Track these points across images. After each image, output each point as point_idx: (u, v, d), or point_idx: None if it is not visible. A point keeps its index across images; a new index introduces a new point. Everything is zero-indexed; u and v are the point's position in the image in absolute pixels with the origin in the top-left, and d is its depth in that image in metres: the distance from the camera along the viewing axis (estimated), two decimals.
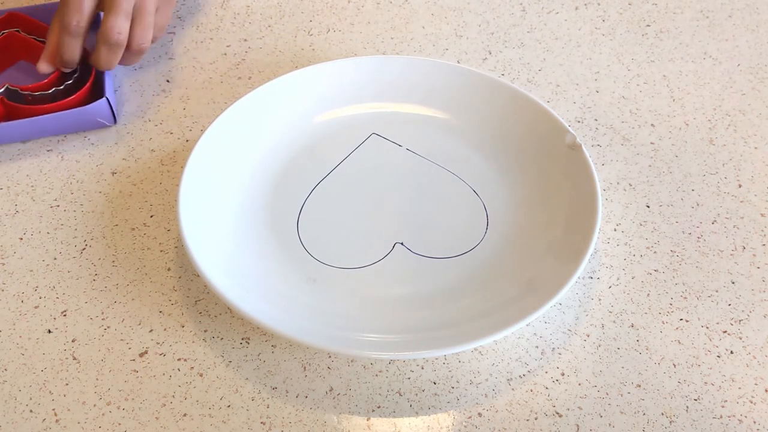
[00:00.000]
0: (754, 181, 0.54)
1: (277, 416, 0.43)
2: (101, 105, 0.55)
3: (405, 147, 0.55)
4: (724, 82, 0.61)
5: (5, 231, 0.52)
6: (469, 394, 0.43)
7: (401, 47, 0.64)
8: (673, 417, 0.42)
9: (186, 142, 0.57)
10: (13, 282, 0.49)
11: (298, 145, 0.55)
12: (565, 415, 0.43)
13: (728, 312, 0.47)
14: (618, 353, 0.45)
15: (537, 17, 0.66)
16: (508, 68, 0.62)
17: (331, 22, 0.66)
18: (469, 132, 0.55)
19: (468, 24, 0.66)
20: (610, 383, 0.44)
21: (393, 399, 0.43)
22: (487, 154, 0.54)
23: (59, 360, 0.45)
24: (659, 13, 0.69)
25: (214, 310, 0.47)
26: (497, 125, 0.55)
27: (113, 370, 0.45)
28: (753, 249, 0.50)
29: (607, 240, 0.50)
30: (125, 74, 0.62)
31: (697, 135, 0.57)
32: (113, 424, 0.42)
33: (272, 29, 0.66)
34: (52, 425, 0.42)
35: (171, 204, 0.53)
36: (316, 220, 0.50)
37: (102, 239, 0.51)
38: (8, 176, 0.55)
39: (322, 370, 0.44)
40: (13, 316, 0.47)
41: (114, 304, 0.48)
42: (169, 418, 0.43)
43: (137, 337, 0.46)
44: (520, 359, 0.45)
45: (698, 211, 0.52)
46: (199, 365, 0.45)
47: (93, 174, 0.55)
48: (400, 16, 0.67)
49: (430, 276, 0.47)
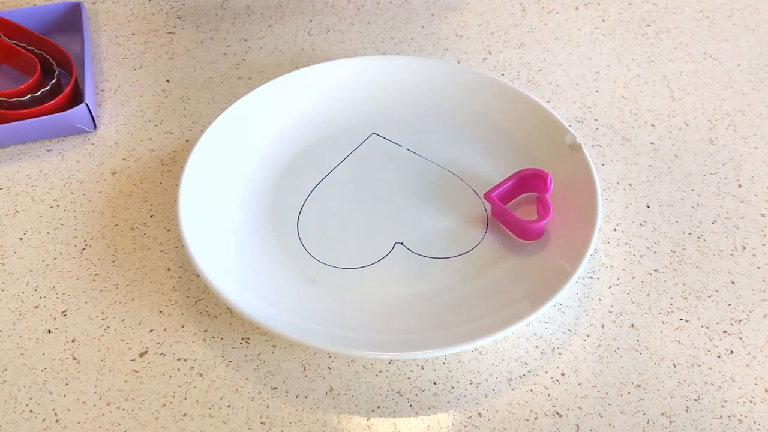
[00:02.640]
0: (754, 181, 0.54)
1: (277, 416, 0.43)
2: (81, 111, 0.55)
3: (405, 147, 0.55)
4: (724, 82, 0.61)
5: (5, 231, 0.52)
6: (469, 394, 0.43)
7: (401, 47, 0.64)
8: (673, 417, 0.42)
9: (186, 142, 0.57)
10: (13, 282, 0.49)
11: (298, 145, 0.55)
12: (565, 415, 0.43)
13: (728, 312, 0.47)
14: (618, 353, 0.45)
15: (537, 17, 0.66)
16: (508, 68, 0.62)
17: (331, 22, 0.66)
18: (469, 132, 0.55)
19: (468, 24, 0.66)
20: (610, 383, 0.44)
21: (393, 399, 0.43)
22: (487, 154, 0.54)
23: (59, 360, 0.45)
24: (659, 13, 0.69)
25: (214, 310, 0.47)
26: (497, 125, 0.55)
27: (113, 370, 0.45)
28: (753, 249, 0.50)
29: (607, 240, 0.50)
30: (125, 74, 0.62)
31: (697, 135, 0.57)
32: (113, 424, 0.42)
33: (272, 29, 0.66)
34: (52, 425, 0.42)
35: (171, 204, 0.53)
36: (316, 220, 0.50)
37: (102, 239, 0.51)
38: (8, 176, 0.55)
39: (322, 370, 0.44)
40: (13, 316, 0.47)
41: (114, 304, 0.48)
42: (169, 418, 0.43)
43: (137, 337, 0.46)
44: (520, 359, 0.45)
45: (698, 211, 0.52)
46: (199, 365, 0.45)
47: (93, 174, 0.55)
48: (400, 16, 0.67)
49: (430, 276, 0.47)
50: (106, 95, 0.60)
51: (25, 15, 0.62)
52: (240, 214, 0.50)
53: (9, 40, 0.60)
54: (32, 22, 0.61)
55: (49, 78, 0.58)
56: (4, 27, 0.61)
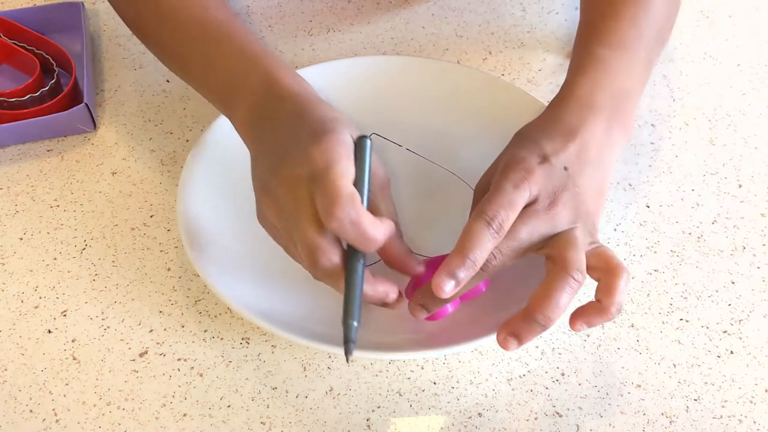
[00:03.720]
0: (754, 181, 0.54)
1: (277, 416, 0.43)
2: (80, 111, 0.55)
3: (405, 147, 0.55)
4: (724, 82, 0.61)
5: (5, 231, 0.52)
6: (469, 394, 0.43)
7: (401, 47, 0.64)
8: (673, 417, 0.42)
9: (186, 142, 0.57)
10: (13, 282, 0.49)
11: None
12: (565, 415, 0.43)
13: (728, 312, 0.47)
14: (618, 353, 0.45)
15: (537, 17, 0.66)
16: (508, 68, 0.62)
17: (331, 22, 0.66)
18: (469, 132, 0.55)
19: (468, 24, 0.66)
20: (610, 383, 0.44)
21: (393, 399, 0.43)
22: (487, 154, 0.54)
23: (59, 360, 0.45)
24: None
25: (214, 310, 0.47)
26: (497, 125, 0.55)
27: (113, 370, 0.45)
28: (753, 249, 0.50)
29: (607, 240, 0.50)
30: (125, 74, 0.62)
31: (697, 135, 0.57)
32: (113, 424, 0.42)
33: (272, 29, 0.66)
34: (52, 425, 0.42)
35: (171, 204, 0.53)
36: None
37: (102, 239, 0.51)
38: (8, 176, 0.55)
39: (322, 370, 0.44)
40: (13, 316, 0.47)
41: (114, 304, 0.48)
42: (169, 418, 0.43)
43: (137, 337, 0.46)
44: (520, 359, 0.45)
45: (698, 211, 0.52)
46: (199, 365, 0.45)
47: (93, 174, 0.55)
48: (400, 16, 0.67)
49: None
50: (106, 95, 0.60)
51: (25, 15, 0.62)
52: (240, 214, 0.50)
53: (9, 40, 0.60)
54: (32, 22, 0.61)
55: (48, 78, 0.58)
56: (4, 27, 0.61)
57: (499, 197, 0.39)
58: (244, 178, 0.52)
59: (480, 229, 0.39)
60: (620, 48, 0.48)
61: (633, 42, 0.48)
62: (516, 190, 0.40)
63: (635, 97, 0.48)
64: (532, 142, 0.43)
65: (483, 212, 0.39)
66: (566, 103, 0.45)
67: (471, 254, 0.38)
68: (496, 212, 0.39)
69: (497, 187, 0.40)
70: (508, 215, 0.39)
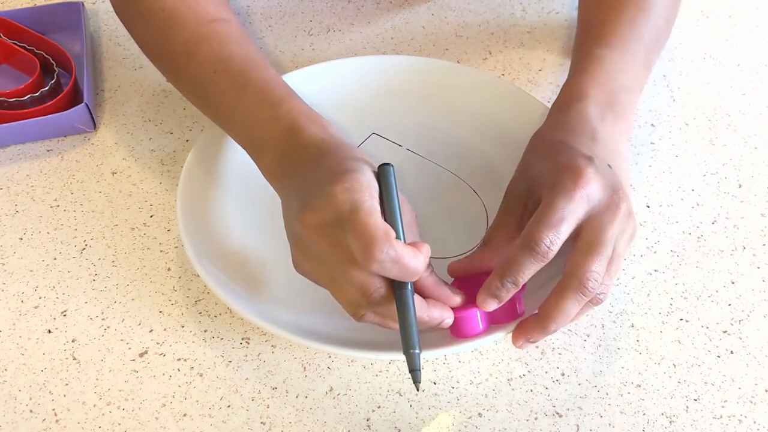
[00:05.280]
0: (754, 181, 0.54)
1: (277, 416, 0.43)
2: (80, 111, 0.55)
3: (405, 147, 0.55)
4: (724, 82, 0.61)
5: (5, 231, 0.52)
6: (469, 394, 0.43)
7: (401, 47, 0.64)
8: (673, 417, 0.42)
9: (186, 142, 0.57)
10: (13, 282, 0.49)
11: None
12: (565, 415, 0.43)
13: (728, 312, 0.47)
14: (618, 353, 0.45)
15: (537, 17, 0.66)
16: (508, 68, 0.62)
17: (331, 22, 0.66)
18: (469, 132, 0.55)
19: (468, 24, 0.66)
20: (610, 383, 0.44)
21: (393, 399, 0.43)
22: (487, 154, 0.54)
23: (59, 360, 0.45)
24: None
25: (214, 310, 0.47)
26: (497, 125, 0.55)
27: (113, 370, 0.45)
28: (753, 249, 0.50)
29: None
30: (125, 74, 0.62)
31: (697, 135, 0.57)
32: (113, 424, 0.42)
33: (272, 29, 0.66)
34: (52, 425, 0.42)
35: (171, 204, 0.53)
36: None
37: (102, 239, 0.51)
38: (8, 176, 0.55)
39: (322, 370, 0.44)
40: (13, 316, 0.47)
41: (114, 304, 0.48)
42: (169, 418, 0.43)
43: (137, 337, 0.46)
44: (520, 359, 0.45)
45: (698, 211, 0.52)
46: (199, 365, 0.45)
47: (93, 174, 0.55)
48: (400, 16, 0.67)
49: None
50: (106, 95, 0.60)
51: (25, 15, 0.62)
52: (240, 214, 0.50)
53: (9, 40, 0.60)
54: (32, 22, 0.61)
55: (48, 78, 0.58)
56: (4, 27, 0.61)
57: (567, 209, 0.39)
58: (244, 178, 0.52)
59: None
60: (620, 48, 0.48)
61: (633, 43, 0.48)
62: (577, 201, 0.40)
63: (634, 95, 0.48)
64: (568, 148, 0.43)
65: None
66: (576, 103, 0.46)
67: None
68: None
69: (568, 200, 0.40)
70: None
